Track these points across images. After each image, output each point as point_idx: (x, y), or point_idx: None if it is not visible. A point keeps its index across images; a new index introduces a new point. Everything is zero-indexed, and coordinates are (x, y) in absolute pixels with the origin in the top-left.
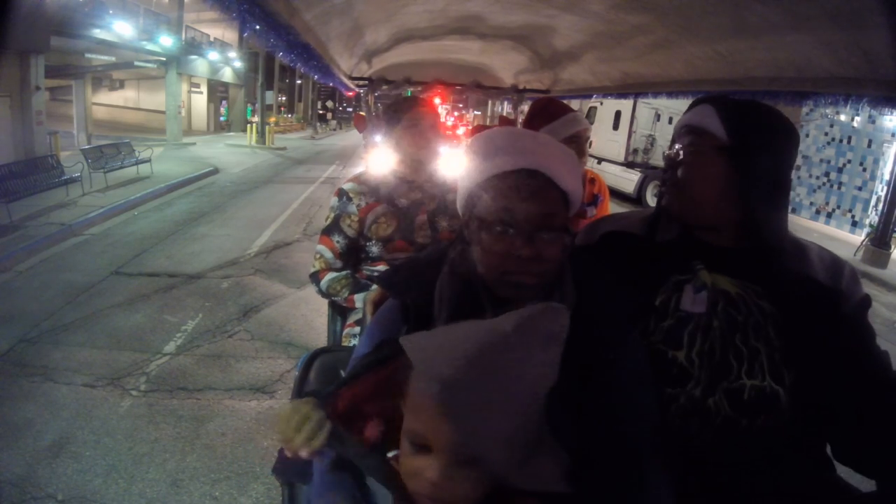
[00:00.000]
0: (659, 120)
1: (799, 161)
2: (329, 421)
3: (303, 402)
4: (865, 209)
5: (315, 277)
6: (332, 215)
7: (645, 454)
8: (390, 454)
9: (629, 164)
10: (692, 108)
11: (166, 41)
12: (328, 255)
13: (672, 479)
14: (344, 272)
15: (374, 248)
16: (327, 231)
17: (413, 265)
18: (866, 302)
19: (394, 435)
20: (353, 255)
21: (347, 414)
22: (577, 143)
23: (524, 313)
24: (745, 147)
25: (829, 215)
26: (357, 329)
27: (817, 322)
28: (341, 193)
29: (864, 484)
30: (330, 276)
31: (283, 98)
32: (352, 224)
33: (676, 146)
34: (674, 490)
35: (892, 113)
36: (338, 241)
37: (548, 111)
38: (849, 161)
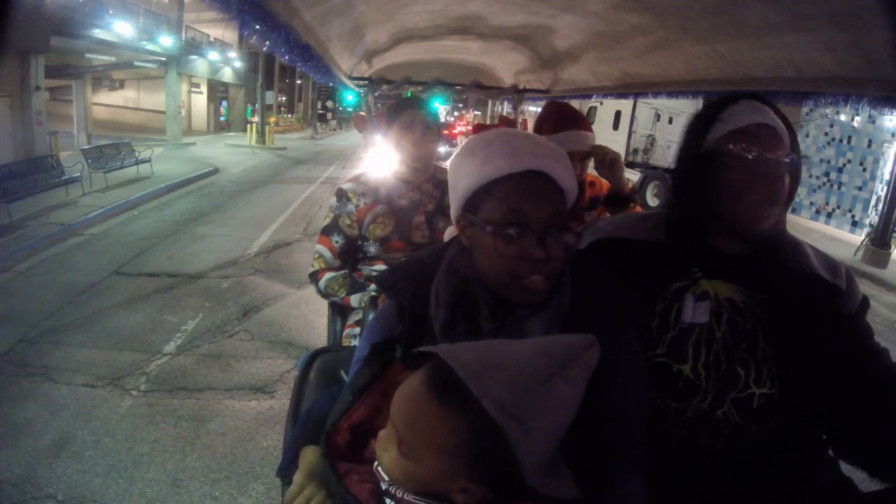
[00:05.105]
0: (659, 120)
1: None
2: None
3: (306, 482)
4: (865, 209)
5: (314, 277)
6: (332, 215)
7: (629, 455)
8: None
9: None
10: (740, 104)
11: (166, 41)
12: (327, 254)
13: (648, 480)
14: (342, 272)
15: (372, 248)
16: (326, 231)
17: (410, 266)
18: (867, 303)
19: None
20: (351, 255)
21: (349, 444)
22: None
23: (570, 344)
24: (796, 157)
25: (829, 215)
26: (357, 329)
27: (821, 318)
28: (340, 194)
29: (864, 484)
30: (328, 275)
31: (283, 98)
32: (351, 224)
33: (760, 150)
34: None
35: (892, 113)
36: (336, 241)
37: (553, 119)
38: (849, 161)
